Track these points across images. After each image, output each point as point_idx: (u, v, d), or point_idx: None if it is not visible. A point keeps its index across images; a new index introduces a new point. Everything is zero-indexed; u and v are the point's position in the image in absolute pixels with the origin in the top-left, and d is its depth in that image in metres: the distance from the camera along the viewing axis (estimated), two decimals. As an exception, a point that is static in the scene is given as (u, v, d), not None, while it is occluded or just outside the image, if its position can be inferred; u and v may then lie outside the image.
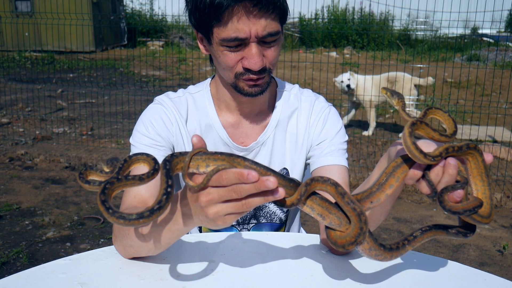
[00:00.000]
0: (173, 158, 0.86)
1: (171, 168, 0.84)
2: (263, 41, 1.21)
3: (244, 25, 1.17)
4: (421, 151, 0.87)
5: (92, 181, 0.86)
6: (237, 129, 1.42)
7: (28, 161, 5.13)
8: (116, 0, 15.01)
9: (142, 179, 0.85)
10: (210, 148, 1.38)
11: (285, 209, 1.50)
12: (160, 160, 0.97)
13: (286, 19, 1.29)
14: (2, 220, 3.73)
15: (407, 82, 6.06)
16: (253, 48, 1.20)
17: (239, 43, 1.20)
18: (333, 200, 0.92)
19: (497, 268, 3.27)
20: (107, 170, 0.88)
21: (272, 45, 1.23)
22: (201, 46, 1.34)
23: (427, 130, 0.92)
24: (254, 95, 1.29)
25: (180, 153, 0.87)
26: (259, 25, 1.17)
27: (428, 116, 0.96)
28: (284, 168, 1.45)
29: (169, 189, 0.82)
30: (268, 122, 1.43)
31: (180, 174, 0.87)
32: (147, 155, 0.89)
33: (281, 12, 1.22)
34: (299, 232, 1.64)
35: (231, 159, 0.85)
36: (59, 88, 8.37)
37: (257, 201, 0.84)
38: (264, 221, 1.49)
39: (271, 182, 0.81)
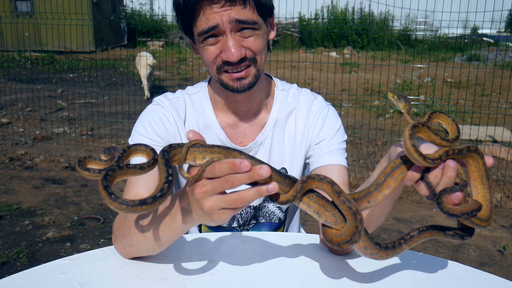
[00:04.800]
0: (171, 149, 0.86)
1: (169, 158, 0.85)
2: (241, 30, 1.22)
3: (215, 14, 1.19)
4: (420, 154, 0.86)
5: (91, 169, 0.86)
6: (235, 129, 1.42)
7: (28, 161, 5.13)
8: (116, 0, 15.01)
9: (143, 168, 0.85)
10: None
11: (283, 208, 1.50)
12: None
13: (269, 12, 1.28)
14: (2, 220, 3.73)
15: (144, 59, 8.03)
16: (230, 39, 1.21)
17: (215, 34, 1.21)
18: (330, 199, 0.92)
19: (497, 268, 3.27)
20: (105, 158, 0.88)
21: (251, 34, 1.23)
22: (194, 50, 1.37)
23: (429, 134, 0.91)
24: (241, 90, 1.29)
25: (178, 144, 0.87)
26: (231, 12, 1.19)
27: (432, 120, 0.95)
28: (283, 168, 1.45)
29: (170, 178, 0.82)
30: (266, 122, 1.43)
31: (177, 166, 0.87)
32: (146, 146, 0.90)
33: (256, 4, 1.22)
34: (299, 232, 1.64)
35: (228, 152, 0.85)
36: (59, 88, 8.37)
37: (251, 195, 0.83)
38: (263, 220, 1.49)
39: (264, 170, 0.80)
